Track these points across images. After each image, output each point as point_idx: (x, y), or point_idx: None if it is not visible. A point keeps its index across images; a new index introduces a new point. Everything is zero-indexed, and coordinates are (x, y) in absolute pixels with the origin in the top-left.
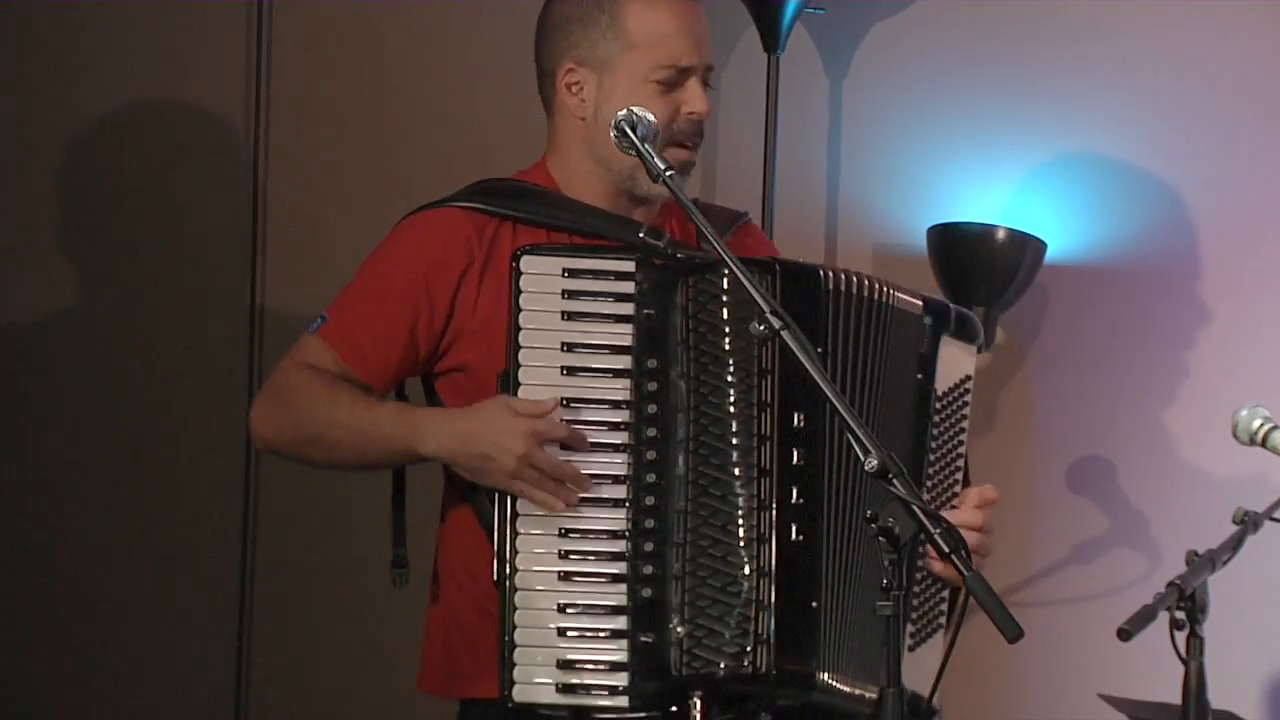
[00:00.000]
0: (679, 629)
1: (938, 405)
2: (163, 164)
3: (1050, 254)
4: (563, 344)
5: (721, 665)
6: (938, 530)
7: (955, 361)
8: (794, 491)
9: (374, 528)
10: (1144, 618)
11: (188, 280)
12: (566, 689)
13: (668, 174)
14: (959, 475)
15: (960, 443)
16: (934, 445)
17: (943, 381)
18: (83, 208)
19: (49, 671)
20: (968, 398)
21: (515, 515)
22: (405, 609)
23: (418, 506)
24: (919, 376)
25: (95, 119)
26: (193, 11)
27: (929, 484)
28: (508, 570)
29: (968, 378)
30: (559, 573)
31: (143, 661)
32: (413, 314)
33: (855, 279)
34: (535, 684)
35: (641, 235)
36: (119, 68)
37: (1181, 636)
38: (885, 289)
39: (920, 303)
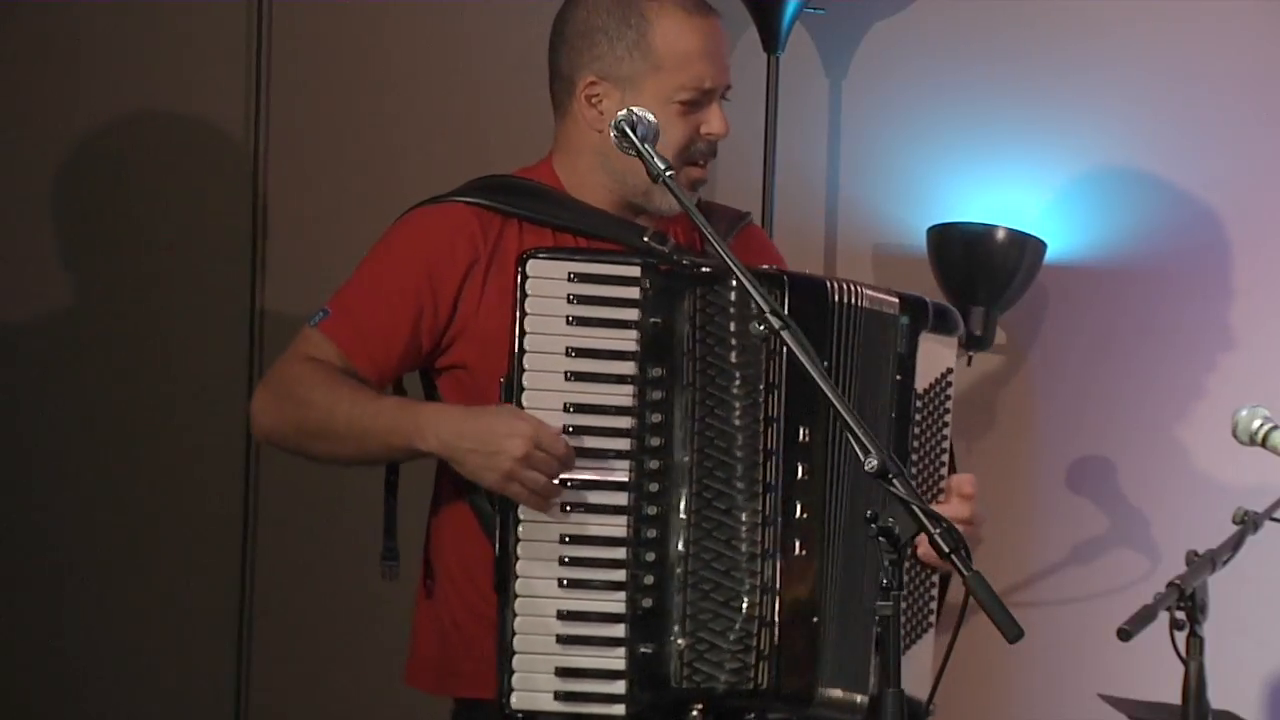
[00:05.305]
0: (679, 641)
1: (918, 404)
2: (163, 164)
3: (1050, 254)
4: (567, 349)
5: (722, 679)
6: (938, 530)
7: (935, 357)
8: (798, 507)
9: (374, 525)
10: (1144, 618)
11: (188, 280)
12: (565, 696)
13: (667, 174)
14: (943, 470)
15: (944, 436)
16: (916, 445)
17: (923, 379)
18: (83, 208)
19: (49, 669)
20: (949, 390)
21: (517, 520)
22: (407, 605)
23: (412, 499)
24: (898, 377)
25: (95, 120)
26: (192, 12)
27: (913, 483)
28: (509, 575)
29: (949, 370)
30: (560, 579)
31: (142, 659)
32: (416, 309)
33: (853, 288)
34: (534, 691)
35: (646, 239)
36: (118, 68)
37: (1181, 636)
38: (858, 289)
39: (896, 301)
